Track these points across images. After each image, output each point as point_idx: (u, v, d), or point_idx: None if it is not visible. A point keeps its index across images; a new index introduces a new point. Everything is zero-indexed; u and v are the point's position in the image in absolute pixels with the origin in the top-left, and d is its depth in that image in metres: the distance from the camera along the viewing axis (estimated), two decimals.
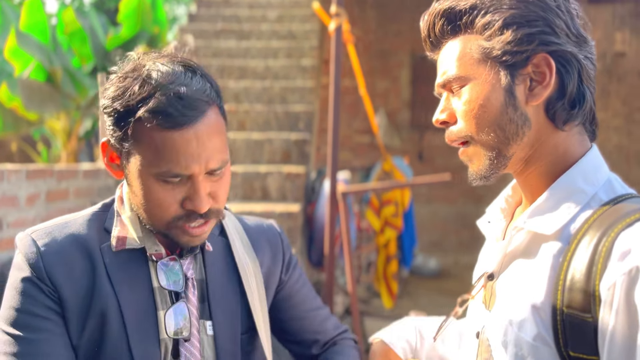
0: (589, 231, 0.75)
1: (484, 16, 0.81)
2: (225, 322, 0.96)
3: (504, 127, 0.81)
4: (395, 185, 3.74)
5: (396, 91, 7.21)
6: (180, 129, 0.82)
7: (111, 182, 3.54)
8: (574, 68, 0.80)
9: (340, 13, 2.99)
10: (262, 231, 1.08)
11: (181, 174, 0.84)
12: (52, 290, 0.88)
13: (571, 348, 0.74)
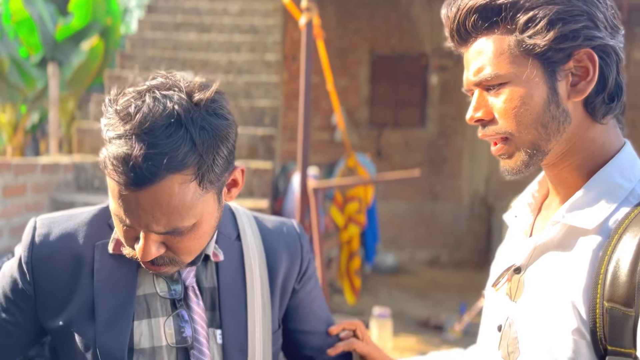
0: (631, 226, 0.75)
1: (526, 12, 0.78)
2: (236, 332, 0.92)
3: (546, 124, 0.80)
4: (365, 181, 3.76)
5: (355, 89, 7.25)
6: (127, 188, 0.76)
7: (70, 177, 3.40)
8: (614, 61, 0.79)
9: (311, 7, 2.97)
10: (280, 235, 1.02)
11: (125, 223, 0.80)
12: (30, 283, 0.90)
13: (609, 342, 0.74)
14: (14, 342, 0.93)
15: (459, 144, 7.13)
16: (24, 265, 0.90)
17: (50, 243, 0.90)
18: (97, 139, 3.82)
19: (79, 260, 0.90)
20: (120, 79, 4.41)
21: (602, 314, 0.74)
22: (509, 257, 0.92)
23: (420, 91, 7.18)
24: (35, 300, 0.90)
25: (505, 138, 0.83)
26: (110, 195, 0.80)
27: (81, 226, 0.92)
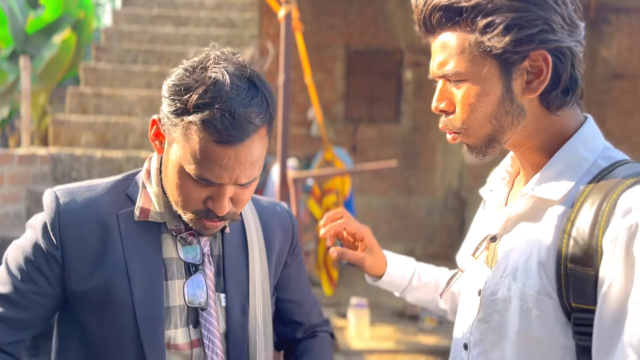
0: (592, 194, 0.82)
1: (485, 17, 0.83)
2: (237, 296, 1.00)
3: (500, 118, 0.86)
4: (343, 172, 3.81)
5: (330, 84, 7.30)
6: (224, 146, 0.85)
7: (46, 168, 3.37)
8: (568, 59, 0.85)
9: (289, 0, 3.01)
10: (274, 214, 1.12)
11: (212, 181, 0.88)
12: (58, 249, 0.93)
13: (573, 299, 0.81)
14: (36, 314, 0.96)
15: (433, 139, 7.25)
16: (50, 231, 0.93)
17: (76, 211, 0.95)
18: (74, 131, 3.80)
19: (105, 228, 0.95)
20: (95, 71, 4.38)
21: (566, 275, 0.81)
22: (486, 227, 0.99)
23: (394, 87, 7.27)
24: (63, 266, 0.94)
25: (463, 130, 0.89)
26: (194, 162, 0.86)
27: (102, 196, 0.97)
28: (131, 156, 3.42)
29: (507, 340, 0.89)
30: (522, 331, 0.86)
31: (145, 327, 0.92)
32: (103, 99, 4.07)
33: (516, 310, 0.87)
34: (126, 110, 4.07)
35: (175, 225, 0.98)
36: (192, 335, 0.97)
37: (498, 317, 0.91)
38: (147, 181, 0.99)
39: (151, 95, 4.14)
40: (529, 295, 0.85)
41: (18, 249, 0.97)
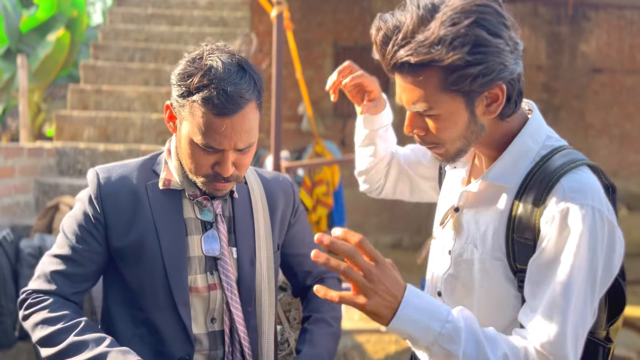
0: (533, 180, 1.01)
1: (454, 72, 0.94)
2: (245, 249, 1.22)
3: (467, 137, 1.03)
4: (331, 161, 4.03)
5: (320, 80, 7.49)
6: (221, 117, 1.06)
7: (52, 161, 3.56)
8: (517, 82, 1.00)
9: (281, 1, 3.21)
10: (278, 183, 1.33)
11: (215, 148, 1.09)
12: (101, 214, 1.17)
13: (517, 262, 1.01)
14: (91, 269, 1.18)
15: None
16: (94, 200, 1.17)
17: (113, 183, 1.18)
18: (76, 126, 3.98)
19: (136, 195, 1.18)
20: (95, 68, 4.56)
21: (512, 243, 1.02)
22: (450, 200, 1.18)
23: (381, 83, 7.47)
24: (106, 227, 1.17)
25: (437, 145, 1.06)
26: (200, 133, 1.07)
27: (133, 171, 1.20)
28: (132, 149, 3.61)
29: (472, 293, 1.09)
30: (483, 286, 1.07)
31: (172, 272, 1.14)
32: (103, 96, 4.26)
33: (477, 271, 1.07)
34: (125, 106, 4.25)
35: (192, 192, 1.19)
36: (209, 280, 1.18)
37: (465, 274, 1.10)
38: (169, 157, 1.21)
39: (149, 92, 4.33)
40: (486, 260, 1.05)
41: (71, 218, 1.20)
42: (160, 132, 3.95)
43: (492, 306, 1.07)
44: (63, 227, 1.21)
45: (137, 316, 1.17)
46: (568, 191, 0.96)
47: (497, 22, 0.95)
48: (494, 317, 1.06)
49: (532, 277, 0.99)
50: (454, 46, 0.92)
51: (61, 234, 1.20)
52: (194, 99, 1.07)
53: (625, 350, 4.06)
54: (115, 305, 1.20)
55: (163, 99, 4.28)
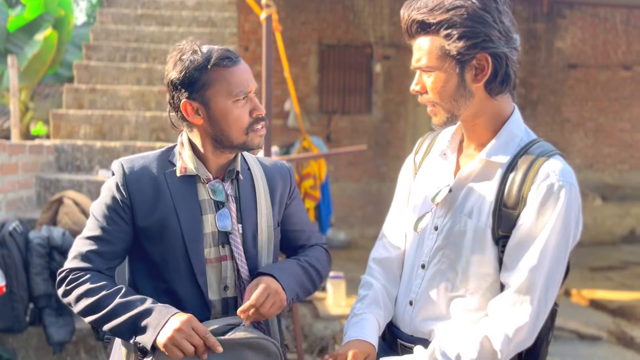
0: (521, 162, 1.22)
1: (446, 29, 1.19)
2: (250, 225, 1.41)
3: (457, 99, 1.24)
4: (319, 155, 4.22)
5: (305, 77, 7.66)
6: (238, 64, 1.32)
7: (52, 158, 3.71)
8: (503, 60, 1.21)
9: (270, 4, 3.39)
10: (277, 168, 1.51)
11: (246, 91, 1.32)
12: (126, 200, 1.35)
13: (500, 229, 1.22)
14: (120, 247, 1.36)
15: (402, 128, 7.68)
16: (120, 187, 1.35)
17: (136, 171, 1.36)
18: (72, 124, 4.13)
19: (156, 182, 1.36)
20: (88, 68, 4.69)
21: (500, 214, 1.24)
22: (441, 182, 1.36)
23: (365, 79, 7.66)
24: (132, 209, 1.35)
25: (433, 104, 1.29)
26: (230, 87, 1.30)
27: (152, 161, 1.39)
28: (128, 145, 3.77)
29: (460, 260, 1.27)
30: (474, 253, 1.25)
31: (191, 246, 1.33)
32: (97, 95, 4.40)
33: (470, 239, 1.26)
34: (119, 105, 4.41)
35: (206, 176, 1.37)
36: (220, 252, 1.36)
37: (453, 244, 1.28)
38: (182, 148, 1.39)
39: (142, 90, 4.49)
40: (480, 228, 1.24)
41: (100, 204, 1.37)
42: (154, 129, 4.12)
43: (478, 271, 1.27)
44: (93, 212, 1.37)
45: (159, 287, 1.35)
46: (552, 171, 1.20)
47: (492, 7, 1.20)
48: (479, 281, 1.27)
49: (516, 240, 1.21)
50: (449, 10, 1.19)
51: (91, 218, 1.37)
52: (213, 63, 1.29)
53: (596, 330, 4.33)
54: (140, 279, 1.39)
55: (156, 97, 4.43)
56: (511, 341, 1.19)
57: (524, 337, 1.19)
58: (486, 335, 1.20)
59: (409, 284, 1.39)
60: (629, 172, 8.46)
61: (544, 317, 1.22)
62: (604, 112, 8.37)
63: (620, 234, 7.54)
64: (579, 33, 8.21)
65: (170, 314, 1.22)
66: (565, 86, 8.24)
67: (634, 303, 4.91)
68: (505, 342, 1.18)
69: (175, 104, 1.36)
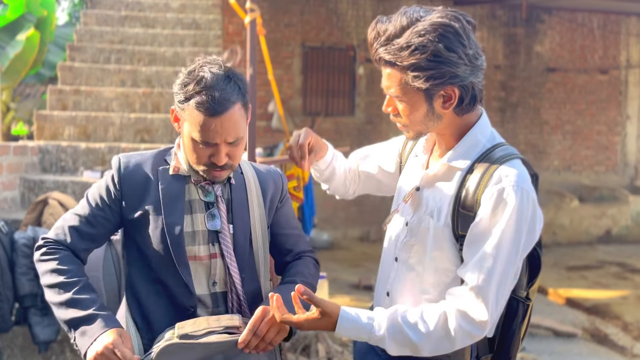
0: (478, 166, 1.30)
1: (414, 72, 1.24)
2: (240, 226, 1.47)
3: (426, 123, 1.32)
4: None
5: (289, 79, 7.72)
6: (212, 117, 1.32)
7: (36, 159, 3.73)
8: (469, 88, 1.27)
9: (254, 8, 3.45)
10: (269, 173, 1.58)
11: (210, 142, 1.35)
12: (119, 191, 1.44)
13: (460, 229, 1.29)
14: (100, 231, 1.45)
15: (385, 130, 7.78)
16: (115, 180, 1.44)
17: (131, 167, 1.45)
18: (57, 125, 4.14)
19: (148, 178, 1.44)
20: (72, 69, 4.71)
21: (458, 215, 1.32)
22: (411, 182, 1.45)
23: (348, 81, 7.75)
24: (121, 201, 1.43)
25: (403, 125, 1.37)
26: (197, 130, 1.33)
27: (148, 159, 1.47)
28: (113, 146, 3.80)
29: (425, 255, 1.35)
30: (435, 250, 1.33)
31: (172, 240, 1.39)
32: (81, 96, 4.42)
33: (431, 237, 1.33)
34: (104, 106, 4.43)
35: (197, 178, 1.44)
36: (210, 250, 1.42)
37: (418, 240, 1.36)
38: (178, 150, 1.47)
39: (126, 92, 4.51)
40: (439, 227, 1.32)
41: (95, 188, 1.46)
42: (139, 131, 4.15)
43: (439, 267, 1.35)
44: (87, 194, 1.47)
45: (150, 275, 1.43)
46: (504, 176, 1.26)
47: (456, 40, 1.23)
48: (440, 276, 1.35)
49: (471, 239, 1.29)
50: (415, 53, 1.23)
51: (84, 199, 1.47)
52: (190, 103, 1.33)
53: (571, 327, 4.46)
54: (134, 267, 1.46)
55: (140, 99, 4.47)
56: (465, 332, 1.26)
57: (478, 331, 1.26)
58: (445, 312, 1.26)
59: (386, 275, 1.47)
60: (605, 173, 8.67)
61: (497, 313, 1.29)
62: (581, 114, 8.56)
63: (597, 234, 7.71)
64: (557, 37, 8.40)
65: (101, 331, 1.31)
66: (544, 89, 8.41)
67: (608, 301, 5.06)
68: (459, 330, 1.25)
69: None
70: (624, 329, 4.53)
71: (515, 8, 7.96)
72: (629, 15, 8.50)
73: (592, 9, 8.21)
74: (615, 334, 4.45)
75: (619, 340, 4.35)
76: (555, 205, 7.45)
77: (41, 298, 2.74)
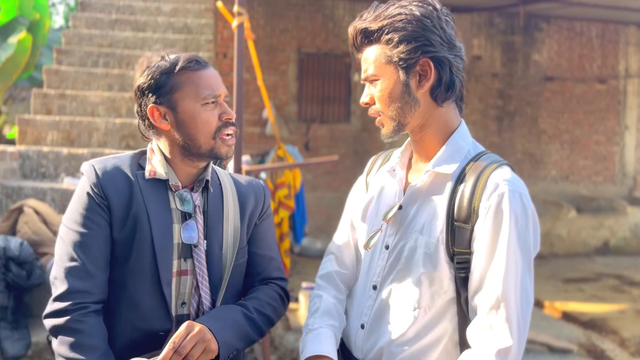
0: (469, 173, 1.20)
1: (386, 35, 1.21)
2: (215, 241, 1.34)
3: (402, 106, 1.23)
4: (291, 165, 4.18)
5: (284, 85, 7.64)
6: (205, 69, 1.30)
7: (15, 165, 3.62)
8: (446, 66, 1.21)
9: (242, 12, 3.36)
10: (251, 185, 1.45)
11: (215, 94, 1.30)
12: (104, 200, 1.27)
13: (455, 245, 1.18)
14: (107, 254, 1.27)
15: (381, 138, 7.67)
16: (94, 187, 1.26)
17: (110, 171, 1.29)
18: (39, 130, 4.03)
19: (130, 182, 1.30)
20: (58, 73, 4.61)
21: (452, 229, 1.20)
22: (391, 199, 1.33)
23: (344, 88, 7.67)
24: (109, 209, 1.27)
25: (379, 114, 1.27)
26: (199, 90, 1.28)
27: (124, 162, 1.33)
28: (96, 152, 3.69)
29: (412, 278, 1.23)
30: (425, 270, 1.21)
31: (160, 254, 1.26)
32: (67, 100, 4.31)
33: (421, 255, 1.22)
34: (89, 111, 4.32)
35: (175, 183, 1.31)
36: (181, 266, 1.30)
37: (404, 262, 1.24)
38: (152, 154, 1.34)
39: (113, 97, 4.41)
40: (432, 244, 1.21)
41: (74, 210, 1.27)
42: (124, 136, 4.04)
43: (430, 288, 1.22)
44: (67, 223, 1.28)
45: (122, 295, 1.27)
46: (501, 181, 1.17)
47: (433, 15, 1.22)
48: (432, 298, 1.22)
49: (478, 258, 1.17)
50: (389, 17, 1.22)
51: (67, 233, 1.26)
52: (180, 66, 1.28)
53: (567, 342, 4.34)
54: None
55: (127, 103, 4.36)
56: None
57: (512, 358, 1.13)
58: None
59: (361, 307, 1.34)
60: (603, 184, 8.57)
61: (525, 332, 1.16)
62: (579, 124, 8.47)
63: (594, 245, 7.60)
64: (555, 46, 8.32)
65: None
66: (541, 98, 8.33)
67: (605, 315, 4.94)
68: None
69: (142, 111, 1.32)
70: (621, 345, 4.41)
71: (513, 16, 7.88)
72: (627, 24, 8.43)
73: (590, 18, 8.14)
74: (612, 350, 4.33)
75: (615, 356, 4.23)
76: (553, 216, 7.33)
77: (12, 311, 2.63)
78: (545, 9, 7.64)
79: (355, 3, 7.42)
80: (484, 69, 7.90)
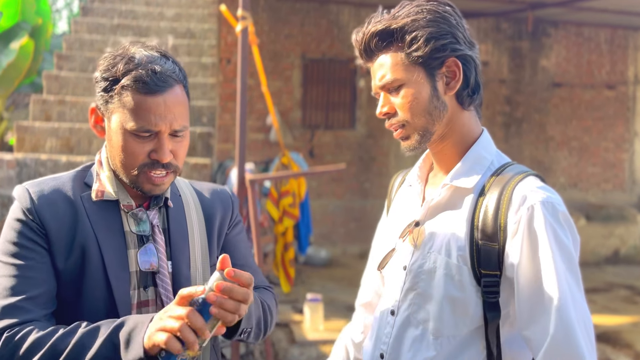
0: (493, 186, 1.09)
1: (410, 34, 1.09)
2: (182, 262, 1.18)
3: (431, 112, 1.12)
4: (296, 174, 4.07)
5: (288, 91, 7.55)
6: (153, 95, 1.06)
7: (12, 173, 3.52)
8: (472, 66, 1.13)
9: (246, 16, 3.26)
10: (215, 194, 1.30)
11: (151, 130, 1.07)
12: (40, 227, 1.09)
13: (482, 267, 1.07)
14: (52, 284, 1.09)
15: (386, 144, 7.58)
16: (28, 214, 1.08)
17: (47, 195, 1.11)
18: (38, 137, 3.93)
19: (74, 207, 1.12)
20: (58, 79, 4.52)
21: (477, 249, 1.07)
22: (408, 216, 1.22)
23: (349, 94, 7.58)
24: (48, 239, 1.09)
25: (402, 125, 1.15)
26: (132, 117, 1.06)
27: (66, 183, 1.14)
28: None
29: (432, 303, 1.12)
30: (447, 293, 1.10)
31: (116, 286, 1.09)
32: (66, 106, 4.22)
33: (441, 277, 1.10)
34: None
35: (127, 202, 1.14)
36: (142, 297, 1.13)
37: (424, 285, 1.13)
38: (100, 169, 1.16)
39: None
40: (452, 265, 1.09)
41: (4, 243, 1.09)
42: None
43: (454, 314, 1.10)
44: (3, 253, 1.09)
45: None
46: (529, 193, 1.05)
47: (452, 12, 1.13)
48: (456, 326, 1.11)
49: (522, 285, 1.04)
50: (410, 15, 1.11)
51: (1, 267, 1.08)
52: (123, 83, 1.06)
53: None
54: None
55: None
56: None
57: None
58: None
59: (379, 334, 1.22)
60: (612, 191, 8.42)
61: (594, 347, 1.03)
62: (588, 131, 8.34)
63: (605, 254, 7.45)
64: (563, 52, 8.21)
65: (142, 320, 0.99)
66: (549, 104, 8.21)
67: (619, 328, 4.79)
68: None
69: None
70: (636, 359, 4.27)
71: (520, 21, 7.78)
72: (636, 29, 8.31)
73: (599, 23, 8.02)
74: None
75: None
76: None
77: None
78: (553, 14, 7.53)
79: (360, 8, 7.33)
80: (491, 75, 7.79)
